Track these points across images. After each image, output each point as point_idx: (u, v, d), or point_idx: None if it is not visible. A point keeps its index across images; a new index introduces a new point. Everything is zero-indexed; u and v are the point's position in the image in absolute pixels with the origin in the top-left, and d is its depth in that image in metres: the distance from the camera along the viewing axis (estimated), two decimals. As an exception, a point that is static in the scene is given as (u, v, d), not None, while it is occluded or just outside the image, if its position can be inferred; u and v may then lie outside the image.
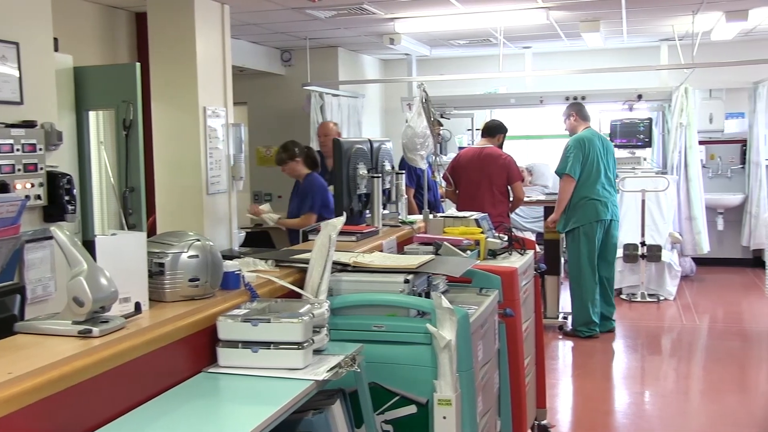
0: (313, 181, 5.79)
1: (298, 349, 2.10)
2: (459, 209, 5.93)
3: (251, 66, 8.34)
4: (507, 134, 6.85)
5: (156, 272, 2.23)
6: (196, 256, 2.26)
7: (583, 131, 6.65)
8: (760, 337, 6.69)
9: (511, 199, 6.53)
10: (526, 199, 7.22)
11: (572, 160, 6.47)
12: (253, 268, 2.72)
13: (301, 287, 2.55)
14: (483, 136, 6.77)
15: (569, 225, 6.55)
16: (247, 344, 2.13)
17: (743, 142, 9.42)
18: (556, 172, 6.65)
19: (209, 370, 2.15)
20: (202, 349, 2.18)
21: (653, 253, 7.74)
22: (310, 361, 2.12)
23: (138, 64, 4.88)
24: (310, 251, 2.62)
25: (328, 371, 2.08)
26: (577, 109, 6.76)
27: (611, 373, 5.82)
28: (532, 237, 7.46)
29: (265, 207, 5.95)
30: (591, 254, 6.51)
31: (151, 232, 5.16)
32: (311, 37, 8.11)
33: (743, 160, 9.48)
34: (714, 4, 6.73)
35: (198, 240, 2.31)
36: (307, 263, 2.59)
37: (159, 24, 5.40)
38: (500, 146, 6.67)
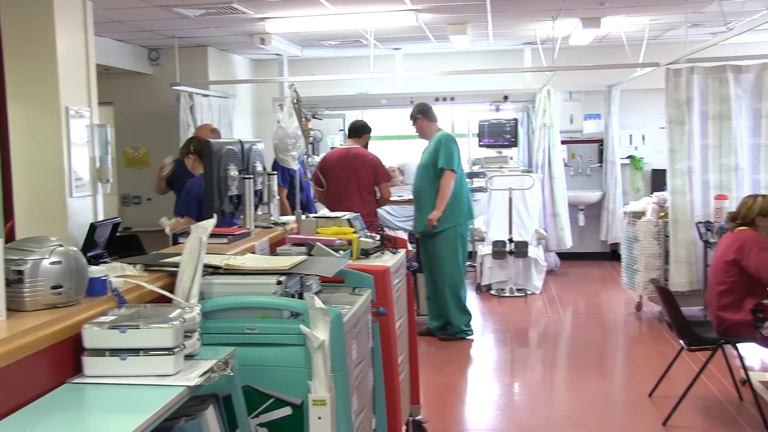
0: (193, 183, 5.53)
1: (169, 354, 2.05)
2: (328, 210, 5.94)
3: (117, 65, 8.07)
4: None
5: (14, 280, 2.12)
6: (59, 263, 2.18)
7: (442, 131, 6.49)
8: (617, 326, 7.08)
9: (378, 198, 6.60)
10: (397, 198, 7.34)
11: (455, 156, 6.28)
12: (121, 273, 2.64)
13: (172, 291, 2.50)
14: (349, 137, 6.81)
15: (445, 224, 6.34)
16: (115, 352, 2.07)
17: (600, 142, 9.94)
18: (441, 167, 6.22)
19: (74, 381, 2.07)
20: (66, 359, 2.10)
21: (520, 250, 8.04)
22: (181, 367, 2.08)
23: (-9, 61, 4.63)
24: (180, 254, 2.57)
25: (200, 376, 2.05)
26: (422, 110, 6.51)
27: (483, 366, 6.00)
28: (404, 236, 7.58)
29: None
30: (464, 253, 6.54)
31: (10, 238, 4.90)
32: (180, 36, 7.93)
33: (600, 158, 9.99)
34: (571, 11, 7.07)
35: (60, 245, 2.22)
36: (177, 267, 2.54)
37: (14, 18, 5.13)
38: (366, 146, 6.74)
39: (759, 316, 4.42)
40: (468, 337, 6.53)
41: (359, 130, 6.76)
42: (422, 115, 6.49)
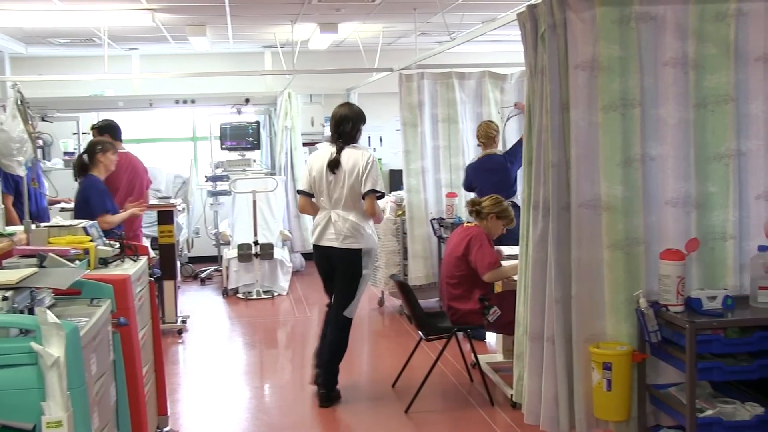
0: None
1: None
2: None
3: None
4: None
5: None
6: None
7: None
8: (361, 322, 7.35)
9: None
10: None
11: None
12: None
13: None
14: (116, 139, 6.39)
15: None
16: None
17: (342, 144, 10.25)
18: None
19: None
20: None
21: (266, 251, 8.08)
22: None
23: None
24: None
25: None
26: None
27: (232, 370, 5.96)
28: (147, 242, 7.32)
29: None
30: None
31: None
32: None
33: (332, 160, 10.31)
34: (309, 16, 7.24)
35: None
36: None
37: None
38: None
39: (485, 304, 4.83)
40: None
41: (116, 131, 6.40)
42: None
